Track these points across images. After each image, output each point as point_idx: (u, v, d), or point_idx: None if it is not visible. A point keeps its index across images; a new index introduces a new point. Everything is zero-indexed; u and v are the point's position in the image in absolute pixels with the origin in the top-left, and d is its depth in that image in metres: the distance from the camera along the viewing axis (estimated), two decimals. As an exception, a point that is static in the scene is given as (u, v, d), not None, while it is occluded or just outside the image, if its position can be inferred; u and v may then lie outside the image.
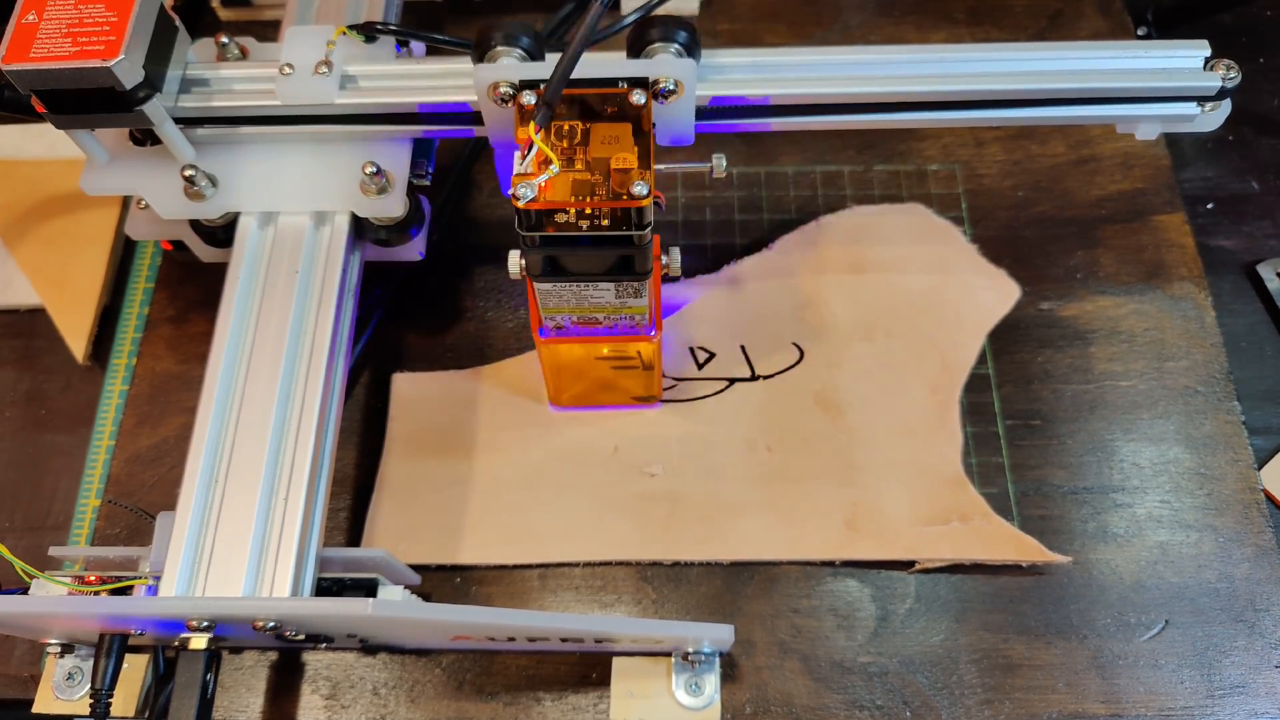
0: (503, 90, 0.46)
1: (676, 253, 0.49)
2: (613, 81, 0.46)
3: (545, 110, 0.43)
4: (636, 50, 0.48)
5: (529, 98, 0.45)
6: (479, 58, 0.48)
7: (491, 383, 0.61)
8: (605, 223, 0.43)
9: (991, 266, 0.63)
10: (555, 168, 0.42)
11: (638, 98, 0.45)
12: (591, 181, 0.43)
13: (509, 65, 0.47)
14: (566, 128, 0.44)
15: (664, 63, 0.47)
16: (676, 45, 0.47)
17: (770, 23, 0.74)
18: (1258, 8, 0.75)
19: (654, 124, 0.46)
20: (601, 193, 0.43)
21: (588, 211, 0.43)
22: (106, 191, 0.53)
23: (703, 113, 0.50)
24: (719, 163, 0.48)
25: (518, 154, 0.43)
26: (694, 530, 0.56)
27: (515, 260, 0.47)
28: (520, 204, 0.42)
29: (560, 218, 0.43)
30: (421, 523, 0.57)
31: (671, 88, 0.46)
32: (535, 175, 0.42)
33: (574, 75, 0.43)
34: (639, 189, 0.42)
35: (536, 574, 0.56)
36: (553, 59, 0.47)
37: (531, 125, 0.43)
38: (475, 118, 0.51)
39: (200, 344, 0.61)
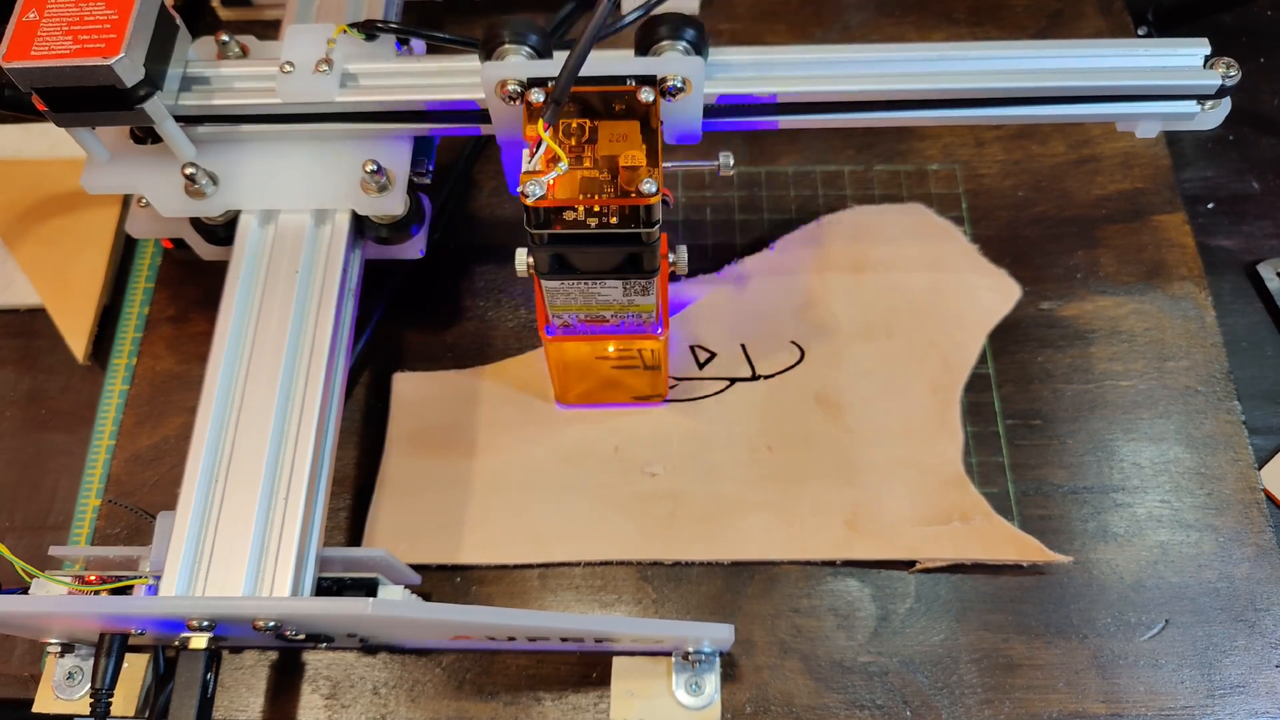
0: (510, 88, 0.46)
1: (683, 250, 0.49)
2: (620, 79, 0.45)
3: (554, 107, 0.43)
4: (644, 48, 0.48)
5: (537, 95, 0.45)
6: (486, 55, 0.48)
7: (492, 382, 0.61)
8: (614, 220, 0.43)
9: (992, 266, 0.63)
10: (564, 165, 0.42)
11: (646, 95, 0.45)
12: (600, 179, 0.43)
13: (517, 63, 0.47)
14: (574, 125, 0.44)
15: (672, 60, 0.47)
16: (684, 43, 0.47)
17: (770, 22, 0.74)
18: (1258, 8, 0.75)
19: (661, 121, 0.46)
20: (610, 190, 0.43)
21: (596, 209, 0.43)
22: (107, 190, 0.53)
23: (709, 110, 0.50)
24: (726, 161, 0.48)
25: (526, 151, 0.43)
26: (694, 530, 0.56)
27: (523, 258, 0.47)
28: (529, 201, 0.42)
29: (569, 215, 0.43)
30: (422, 522, 0.57)
31: (680, 85, 0.46)
32: (544, 173, 0.42)
33: (582, 73, 0.43)
34: (648, 186, 0.42)
35: (536, 574, 0.56)
36: (560, 57, 0.46)
37: (540, 123, 0.43)
38: (482, 115, 0.51)
39: (200, 344, 0.61)
